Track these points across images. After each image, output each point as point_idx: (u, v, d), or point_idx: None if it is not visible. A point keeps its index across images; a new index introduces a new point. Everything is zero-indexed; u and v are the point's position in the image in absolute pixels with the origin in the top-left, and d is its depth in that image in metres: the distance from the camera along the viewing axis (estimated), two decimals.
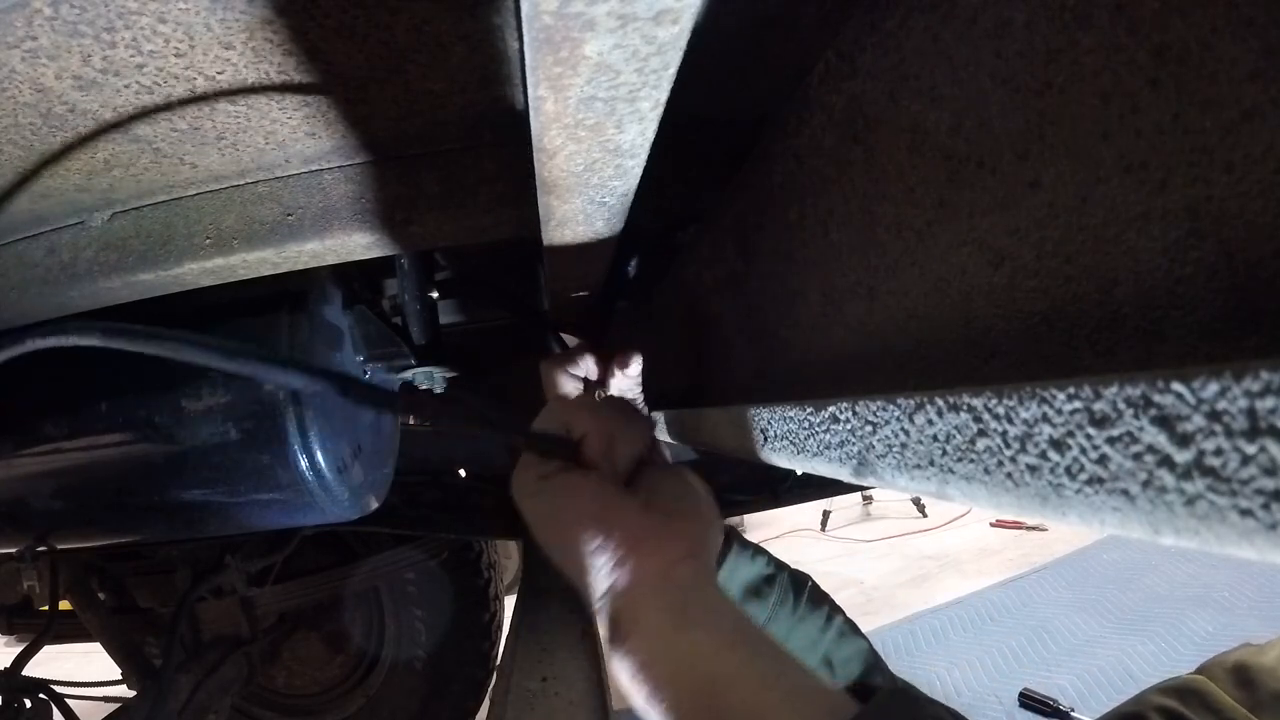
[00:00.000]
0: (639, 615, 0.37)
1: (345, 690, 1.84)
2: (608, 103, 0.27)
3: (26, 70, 0.38)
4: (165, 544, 1.49)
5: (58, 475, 0.77)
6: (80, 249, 0.58)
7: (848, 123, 0.36)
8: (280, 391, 0.72)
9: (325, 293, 0.80)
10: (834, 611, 0.67)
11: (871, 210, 0.35)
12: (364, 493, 0.86)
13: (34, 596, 1.35)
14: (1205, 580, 2.75)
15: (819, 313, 0.43)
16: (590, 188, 0.36)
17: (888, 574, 3.40)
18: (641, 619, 0.37)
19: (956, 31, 0.27)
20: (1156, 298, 0.20)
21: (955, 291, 0.29)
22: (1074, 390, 0.18)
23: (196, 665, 1.42)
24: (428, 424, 1.44)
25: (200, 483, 0.75)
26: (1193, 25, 0.18)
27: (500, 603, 1.86)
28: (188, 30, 0.37)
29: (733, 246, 0.57)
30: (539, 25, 0.21)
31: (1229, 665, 0.70)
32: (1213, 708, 0.66)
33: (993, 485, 0.22)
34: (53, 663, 1.40)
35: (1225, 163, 0.18)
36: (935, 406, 0.25)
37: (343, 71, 0.42)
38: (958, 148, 0.28)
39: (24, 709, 1.30)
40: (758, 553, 0.68)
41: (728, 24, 0.38)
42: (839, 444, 0.33)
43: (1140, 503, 0.17)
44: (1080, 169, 0.22)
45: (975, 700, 2.25)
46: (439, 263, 0.82)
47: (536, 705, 0.89)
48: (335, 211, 0.54)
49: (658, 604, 0.37)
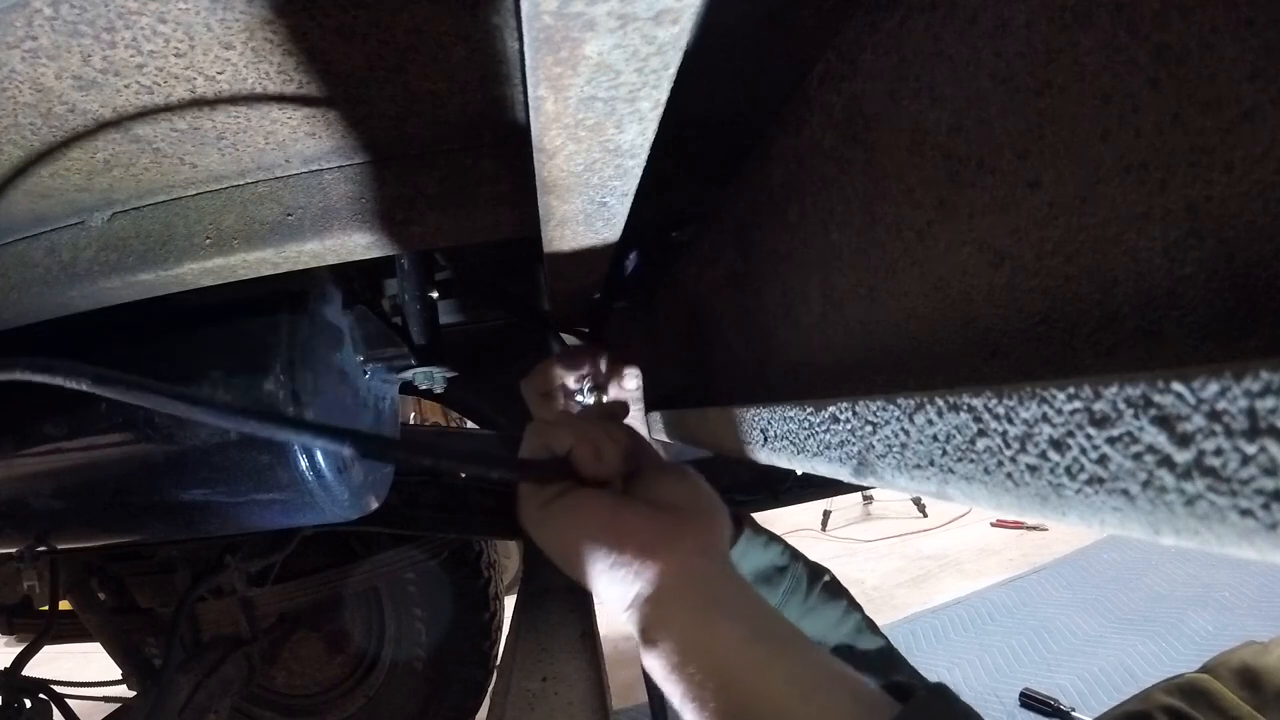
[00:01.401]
0: (666, 618, 0.37)
1: (345, 690, 1.84)
2: (608, 103, 0.27)
3: (26, 70, 0.38)
4: (165, 544, 1.49)
5: (58, 475, 0.77)
6: (80, 249, 0.58)
7: (848, 123, 0.36)
8: (280, 391, 0.72)
9: (325, 293, 0.80)
10: (852, 607, 0.66)
11: (871, 210, 0.35)
12: (364, 493, 0.86)
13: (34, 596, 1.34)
14: (1206, 580, 2.75)
15: (819, 313, 0.43)
16: (590, 188, 0.36)
17: (888, 574, 3.40)
18: (669, 621, 0.37)
19: (956, 31, 0.27)
20: (1156, 298, 0.20)
21: (955, 291, 0.29)
22: (1074, 390, 0.18)
23: (196, 665, 1.42)
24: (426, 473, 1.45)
25: (200, 483, 0.75)
26: (1193, 25, 0.18)
27: (500, 603, 1.86)
28: (188, 30, 0.37)
29: (733, 246, 0.57)
30: (539, 25, 0.21)
31: (1234, 665, 0.70)
32: (1218, 707, 0.66)
33: (993, 485, 0.22)
34: (53, 663, 1.40)
35: (1225, 163, 0.18)
36: (935, 406, 0.25)
37: (343, 71, 0.42)
38: (958, 148, 0.28)
39: (24, 709, 1.30)
40: (772, 540, 0.67)
41: (727, 24, 0.38)
42: (839, 444, 0.33)
43: (1140, 503, 0.17)
44: (1080, 169, 0.22)
45: (976, 700, 2.24)
46: (439, 263, 0.82)
47: (536, 705, 0.89)
48: (335, 211, 0.54)
49: (683, 604, 0.37)
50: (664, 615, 0.37)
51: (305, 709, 1.87)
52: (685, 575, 0.38)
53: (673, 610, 0.37)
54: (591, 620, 1.12)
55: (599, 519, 0.40)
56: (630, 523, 0.40)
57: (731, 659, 0.34)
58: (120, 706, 1.39)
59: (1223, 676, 0.69)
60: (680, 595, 0.37)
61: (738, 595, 0.38)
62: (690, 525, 0.41)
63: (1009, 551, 3.42)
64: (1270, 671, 0.67)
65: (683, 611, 0.37)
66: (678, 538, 0.39)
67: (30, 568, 0.98)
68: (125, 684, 1.57)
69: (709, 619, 0.36)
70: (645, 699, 0.85)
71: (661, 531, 0.40)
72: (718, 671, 0.34)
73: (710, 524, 0.42)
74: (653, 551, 0.38)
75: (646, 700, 0.85)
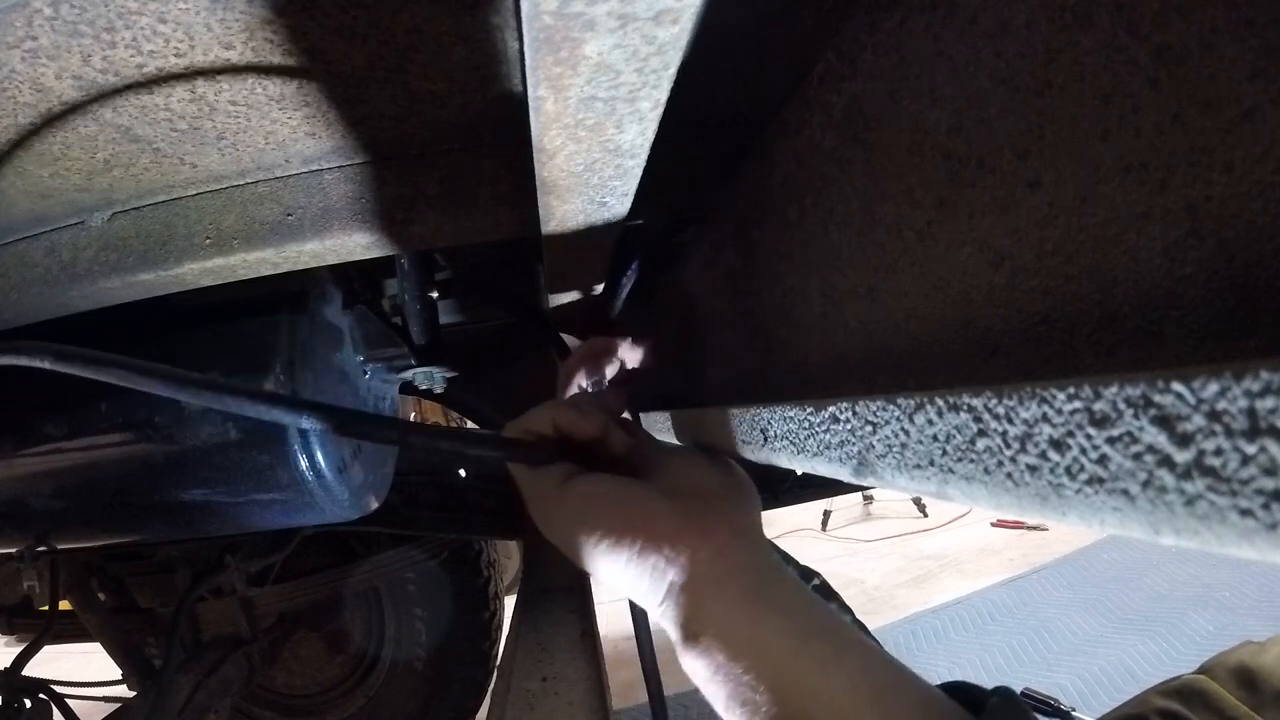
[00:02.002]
0: (707, 610, 0.33)
1: (345, 690, 1.84)
2: (608, 103, 0.27)
3: (26, 70, 0.38)
4: (165, 544, 1.49)
5: (58, 475, 0.77)
6: (80, 249, 0.58)
7: (848, 123, 0.36)
8: (280, 391, 0.72)
9: (325, 293, 0.80)
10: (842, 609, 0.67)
11: (871, 210, 0.35)
12: (364, 493, 0.86)
13: (34, 596, 1.34)
14: (1206, 580, 2.75)
15: (819, 313, 0.43)
16: (590, 188, 0.36)
17: (888, 574, 3.40)
18: (710, 614, 0.33)
19: (956, 31, 0.27)
20: (1156, 298, 0.20)
21: (955, 291, 0.29)
22: (1074, 390, 0.18)
23: (196, 665, 1.42)
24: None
25: (200, 483, 0.75)
26: (1193, 25, 0.18)
27: (500, 603, 1.86)
28: (188, 30, 0.37)
29: (733, 246, 0.57)
30: (539, 25, 0.21)
31: (1231, 665, 0.70)
32: (1215, 707, 0.66)
33: (993, 485, 0.22)
34: (53, 663, 1.40)
35: (1225, 163, 0.18)
36: (935, 406, 0.25)
37: (343, 71, 0.42)
38: (958, 148, 0.28)
39: (24, 709, 1.31)
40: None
41: (727, 24, 0.38)
42: (839, 444, 0.33)
43: (1140, 503, 0.17)
44: (1080, 169, 0.22)
45: None
46: (439, 263, 0.82)
47: (536, 705, 0.89)
48: (335, 211, 0.54)
49: (724, 595, 0.33)
50: (704, 608, 0.33)
51: (305, 709, 1.87)
52: (723, 563, 0.34)
53: (713, 603, 0.33)
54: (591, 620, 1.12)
55: (616, 506, 0.36)
56: (651, 508, 0.36)
57: (787, 658, 0.31)
58: (120, 706, 1.39)
59: (1220, 677, 0.69)
60: (720, 585, 0.33)
61: (785, 584, 0.34)
62: (720, 508, 0.37)
63: (1009, 551, 3.42)
64: (1267, 671, 0.67)
65: (725, 604, 0.33)
66: (708, 522, 0.35)
67: (30, 568, 0.98)
68: (125, 684, 1.57)
69: (757, 613, 0.32)
70: (645, 699, 0.85)
71: (686, 517, 0.35)
72: (773, 672, 0.30)
73: (743, 504, 0.38)
74: (680, 538, 0.34)
75: (647, 700, 0.85)
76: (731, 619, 0.32)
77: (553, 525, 0.38)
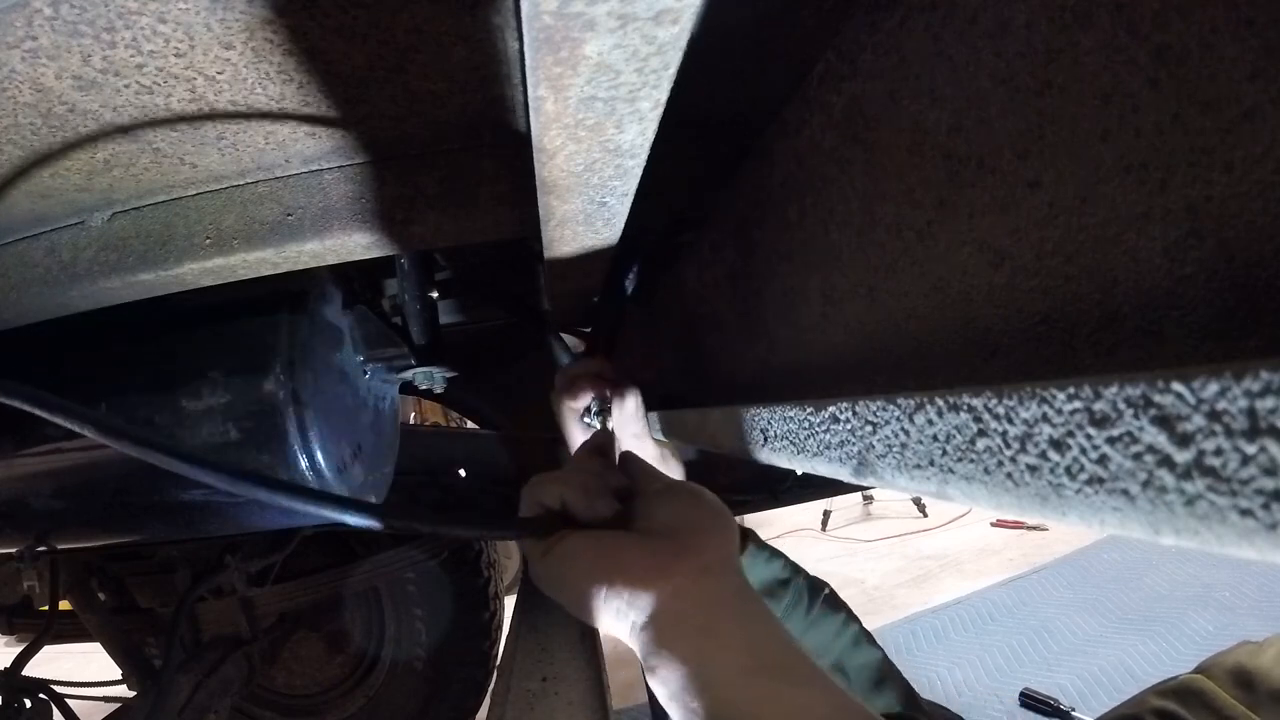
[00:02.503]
0: (664, 645, 0.36)
1: (345, 690, 1.84)
2: (608, 103, 0.27)
3: (26, 70, 0.38)
4: (165, 544, 1.49)
5: (58, 475, 0.77)
6: (80, 249, 0.58)
7: (848, 123, 0.36)
8: (280, 391, 0.72)
9: (325, 293, 0.79)
10: (850, 619, 0.67)
11: (871, 210, 0.35)
12: (364, 493, 0.86)
13: (34, 596, 1.34)
14: (1206, 580, 2.74)
15: (819, 313, 0.43)
16: (590, 188, 0.36)
17: (888, 574, 3.40)
18: (667, 647, 0.36)
19: (956, 31, 0.27)
20: (1156, 298, 0.20)
21: (955, 291, 0.29)
22: (1074, 390, 0.18)
23: (196, 665, 1.42)
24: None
25: (200, 483, 0.75)
26: (1193, 25, 0.18)
27: (500, 603, 1.86)
28: (188, 30, 0.37)
29: (733, 246, 0.57)
30: (539, 25, 0.21)
31: (1228, 665, 0.70)
32: (1212, 707, 0.66)
33: (993, 485, 0.22)
34: (53, 663, 1.40)
35: (1225, 163, 0.18)
36: (935, 406, 0.25)
37: (343, 71, 0.42)
38: (958, 148, 0.28)
39: (24, 709, 1.31)
40: (774, 555, 0.68)
41: (727, 24, 0.38)
42: (839, 444, 0.33)
43: (1140, 503, 0.17)
44: (1080, 169, 0.22)
45: (976, 700, 2.24)
46: (439, 263, 0.82)
47: (536, 705, 0.89)
48: (335, 211, 0.54)
49: (680, 631, 0.36)
50: (662, 642, 0.36)
51: (305, 709, 1.87)
52: (684, 600, 0.37)
53: (670, 637, 0.36)
54: None
55: (592, 557, 0.40)
56: (623, 554, 0.40)
57: (729, 692, 0.33)
58: (120, 706, 1.39)
59: (1217, 677, 0.69)
60: (677, 622, 0.37)
61: (744, 619, 0.37)
62: (689, 547, 0.40)
63: (1009, 551, 3.42)
64: (1264, 671, 0.67)
65: (680, 639, 0.36)
66: (674, 562, 0.39)
67: (30, 568, 0.98)
68: (125, 684, 1.57)
69: (706, 648, 0.35)
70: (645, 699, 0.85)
71: (656, 557, 0.39)
72: (718, 704, 0.33)
73: (712, 541, 0.41)
74: (643, 580, 0.38)
75: (646, 700, 0.85)
76: (683, 654, 0.35)
77: (543, 583, 0.43)
